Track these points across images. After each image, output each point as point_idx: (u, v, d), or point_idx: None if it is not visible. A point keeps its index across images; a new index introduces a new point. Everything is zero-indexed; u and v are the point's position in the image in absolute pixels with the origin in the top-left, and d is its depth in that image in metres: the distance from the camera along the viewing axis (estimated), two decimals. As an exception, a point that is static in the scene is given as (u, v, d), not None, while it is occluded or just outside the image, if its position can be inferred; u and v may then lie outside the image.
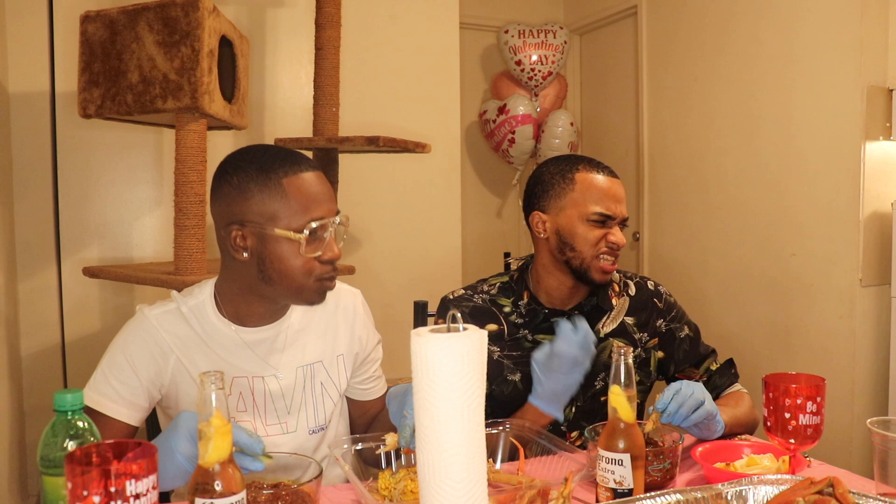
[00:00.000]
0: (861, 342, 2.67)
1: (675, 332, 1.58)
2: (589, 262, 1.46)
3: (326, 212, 1.21)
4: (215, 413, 0.83)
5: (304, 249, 1.18)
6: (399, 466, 1.21)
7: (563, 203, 1.48)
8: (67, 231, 2.66)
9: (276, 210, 1.18)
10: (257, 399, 1.30)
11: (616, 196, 1.48)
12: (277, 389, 1.31)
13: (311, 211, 1.19)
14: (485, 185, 4.36)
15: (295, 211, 1.18)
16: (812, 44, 2.78)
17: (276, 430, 1.31)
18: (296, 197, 1.19)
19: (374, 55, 3.06)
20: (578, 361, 1.32)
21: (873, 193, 2.65)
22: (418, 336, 0.78)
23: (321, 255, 1.20)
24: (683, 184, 3.44)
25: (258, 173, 1.20)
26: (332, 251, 1.22)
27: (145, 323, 1.27)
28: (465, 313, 1.52)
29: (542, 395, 1.36)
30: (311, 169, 1.23)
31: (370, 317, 1.47)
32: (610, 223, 1.46)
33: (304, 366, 1.34)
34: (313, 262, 1.20)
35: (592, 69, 4.30)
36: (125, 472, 0.73)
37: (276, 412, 1.31)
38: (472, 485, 0.78)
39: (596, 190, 1.46)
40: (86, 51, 2.05)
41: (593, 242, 1.45)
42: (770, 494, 0.97)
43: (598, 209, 1.45)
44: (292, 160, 1.22)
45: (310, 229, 1.18)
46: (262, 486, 1.04)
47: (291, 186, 1.19)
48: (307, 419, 1.34)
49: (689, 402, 1.25)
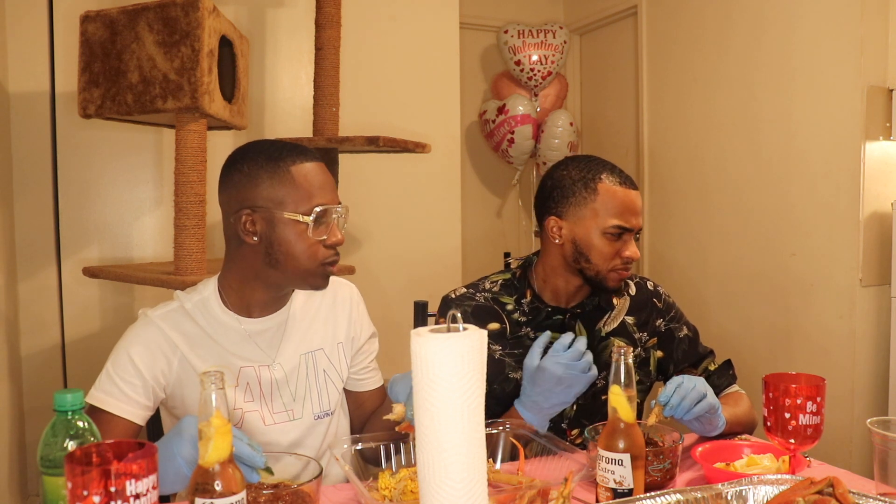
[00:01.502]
0: (861, 342, 2.67)
1: (674, 332, 1.59)
2: (605, 274, 1.47)
3: (331, 199, 1.29)
4: (215, 413, 0.83)
5: (311, 232, 1.25)
6: (399, 466, 1.21)
7: (582, 212, 1.46)
8: (67, 231, 2.66)
9: (284, 195, 1.25)
10: (264, 388, 1.34)
11: (635, 209, 1.46)
12: (283, 377, 1.35)
13: (316, 197, 1.26)
14: (485, 185, 4.36)
15: (302, 196, 1.25)
16: (812, 44, 2.78)
17: (283, 418, 1.35)
18: (303, 184, 1.26)
19: (374, 55, 3.06)
20: (564, 381, 1.31)
21: (873, 193, 2.65)
22: (418, 336, 0.78)
23: (326, 239, 1.27)
24: (683, 184, 3.44)
25: (267, 162, 1.27)
26: (336, 236, 1.28)
27: (149, 324, 1.30)
28: (468, 312, 1.52)
29: (526, 403, 1.36)
30: (316, 160, 1.31)
31: (364, 309, 1.53)
32: (626, 235, 1.45)
33: (307, 353, 1.39)
34: (318, 245, 1.27)
35: (592, 69, 4.30)
36: (125, 472, 0.73)
37: (283, 400, 1.36)
38: (472, 485, 0.78)
39: (617, 203, 1.44)
40: (86, 51, 2.05)
41: (609, 256, 1.45)
42: (770, 494, 0.97)
43: (617, 222, 1.44)
44: (298, 150, 1.29)
45: (315, 213, 1.25)
46: (263, 486, 1.04)
47: (299, 174, 1.26)
48: (312, 405, 1.39)
49: (691, 395, 1.25)
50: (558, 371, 1.30)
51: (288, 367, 1.36)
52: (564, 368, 1.30)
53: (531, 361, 1.35)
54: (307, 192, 1.26)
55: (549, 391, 1.32)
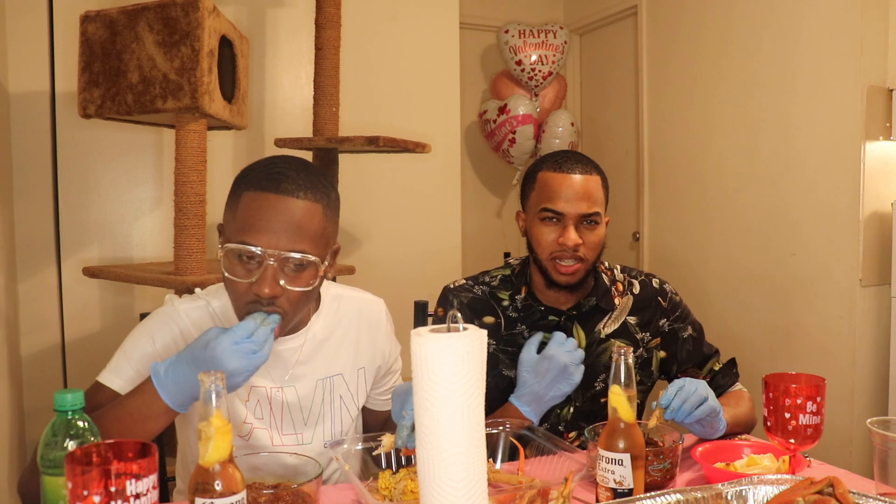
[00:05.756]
0: (861, 342, 2.67)
1: (678, 332, 1.57)
2: (545, 264, 1.45)
3: (264, 242, 1.10)
4: (215, 413, 0.83)
5: (223, 265, 1.13)
6: (399, 466, 1.20)
7: (529, 204, 1.49)
8: (67, 231, 2.66)
9: (227, 221, 1.17)
10: (274, 409, 1.29)
11: (571, 193, 1.41)
12: (296, 401, 1.30)
13: (244, 232, 1.11)
14: (485, 185, 4.37)
15: (234, 227, 1.14)
16: (812, 44, 2.78)
17: (291, 441, 1.30)
18: (241, 214, 1.13)
19: (374, 55, 3.06)
20: (567, 370, 1.35)
21: (873, 193, 2.65)
22: (418, 336, 0.78)
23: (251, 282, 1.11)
24: (683, 183, 3.44)
25: (234, 184, 1.18)
26: (261, 285, 1.10)
27: (174, 313, 1.26)
28: (464, 303, 1.53)
29: (524, 396, 1.37)
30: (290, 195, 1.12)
31: (391, 328, 1.44)
32: (565, 221, 1.42)
33: (325, 378, 1.33)
34: (241, 285, 1.12)
35: (592, 69, 4.30)
36: (125, 472, 0.73)
37: (293, 423, 1.31)
38: (472, 485, 0.78)
39: (549, 188, 1.44)
40: (86, 51, 2.05)
41: (546, 243, 1.44)
42: (770, 494, 0.97)
43: (545, 205, 1.43)
44: (270, 177, 1.13)
45: (227, 248, 1.13)
46: (263, 486, 1.04)
47: (243, 202, 1.13)
48: (324, 432, 1.33)
49: (692, 398, 1.25)
50: (565, 359, 1.34)
51: (302, 392, 1.30)
52: (570, 357, 1.35)
53: (530, 354, 1.38)
54: (239, 225, 1.12)
55: (553, 381, 1.35)
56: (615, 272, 1.60)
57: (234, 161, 2.80)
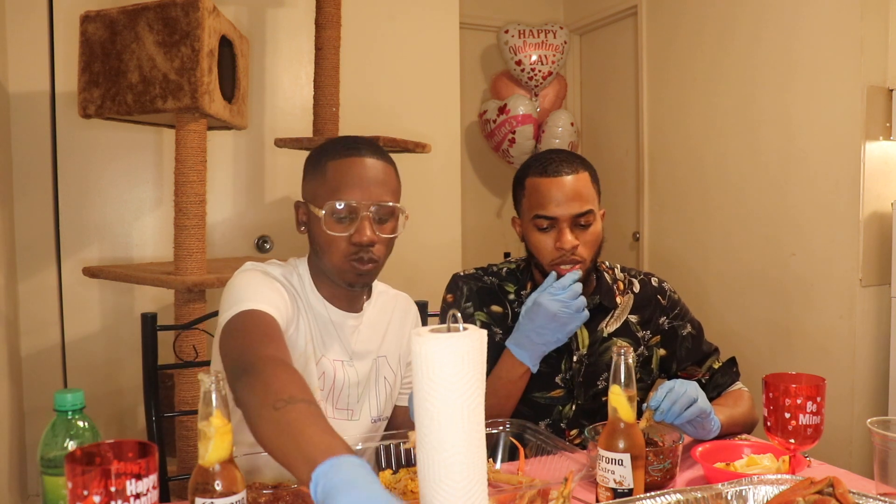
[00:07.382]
0: (861, 342, 2.67)
1: (677, 330, 1.58)
2: (548, 269, 1.45)
3: (359, 196, 1.26)
4: (215, 413, 0.83)
5: (325, 225, 1.25)
6: (399, 466, 1.21)
7: (522, 210, 1.49)
8: (67, 231, 2.66)
9: (315, 189, 1.29)
10: (337, 383, 1.35)
11: (561, 196, 1.41)
12: (355, 377, 1.37)
13: (338, 192, 1.25)
14: (485, 185, 4.36)
15: (326, 191, 1.26)
16: (812, 44, 2.78)
17: (342, 416, 1.36)
18: (331, 179, 1.27)
19: (374, 55, 3.06)
20: (558, 318, 1.36)
21: (873, 193, 2.65)
22: (418, 336, 0.78)
23: (350, 235, 1.25)
24: (683, 183, 3.44)
25: (314, 156, 1.32)
26: (361, 234, 1.25)
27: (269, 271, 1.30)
28: (473, 291, 1.56)
29: (519, 340, 1.42)
30: (368, 156, 1.29)
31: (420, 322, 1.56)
32: (559, 224, 1.41)
33: (377, 357, 1.42)
34: (340, 240, 1.26)
35: (592, 69, 4.30)
36: (125, 472, 0.73)
37: (348, 399, 1.37)
38: (472, 485, 0.78)
39: (538, 194, 1.43)
40: (86, 51, 2.05)
41: (545, 251, 1.44)
42: (770, 494, 0.97)
43: (537, 212, 1.42)
44: (348, 146, 1.29)
45: (330, 208, 1.25)
46: (263, 486, 1.04)
47: (331, 169, 1.27)
48: (370, 408, 1.40)
49: (681, 399, 1.25)
50: (553, 307, 1.36)
51: (361, 369, 1.37)
52: (560, 305, 1.36)
53: (531, 297, 1.40)
54: (332, 187, 1.26)
55: (543, 327, 1.38)
56: (616, 271, 1.61)
57: (234, 161, 2.80)
